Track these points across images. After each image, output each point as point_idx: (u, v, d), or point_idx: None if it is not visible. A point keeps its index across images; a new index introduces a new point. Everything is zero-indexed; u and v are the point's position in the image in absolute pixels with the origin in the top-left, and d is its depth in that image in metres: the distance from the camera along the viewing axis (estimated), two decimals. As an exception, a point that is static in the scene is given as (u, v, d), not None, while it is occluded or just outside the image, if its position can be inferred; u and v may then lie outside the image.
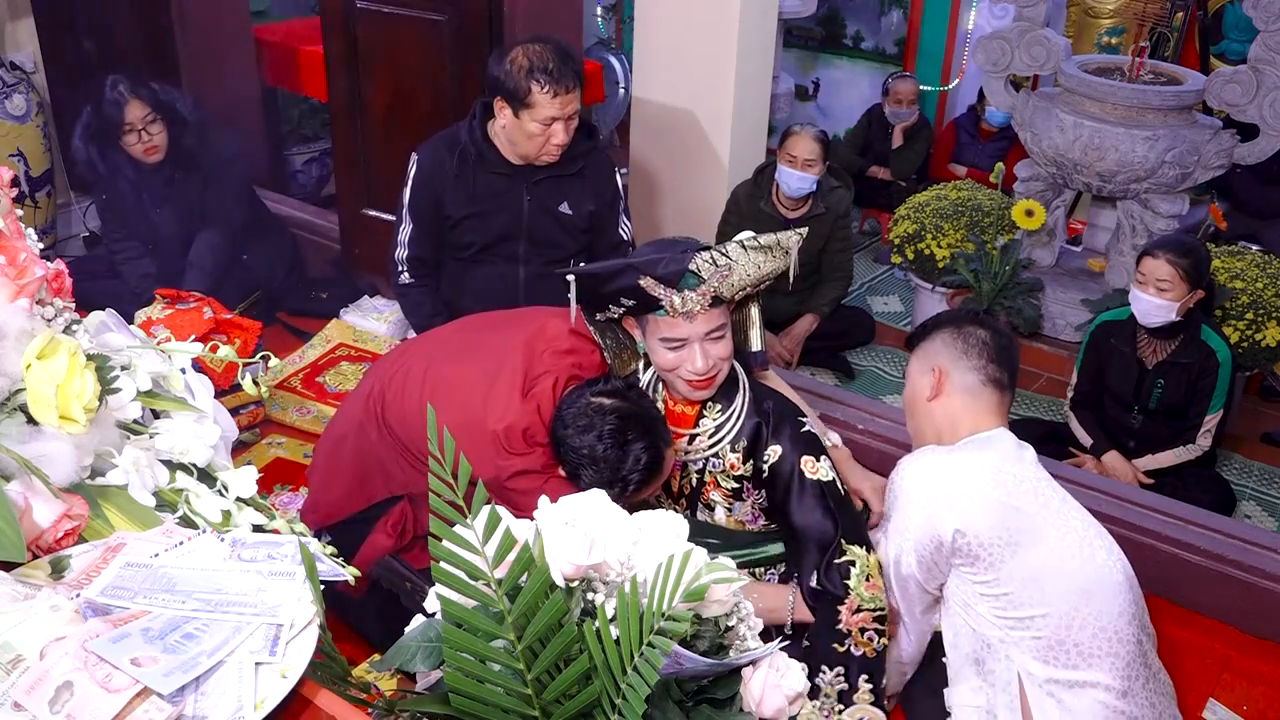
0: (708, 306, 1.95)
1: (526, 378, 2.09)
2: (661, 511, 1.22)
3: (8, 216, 1.19)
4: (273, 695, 0.95)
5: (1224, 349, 3.10)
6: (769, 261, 1.99)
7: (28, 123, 4.01)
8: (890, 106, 5.33)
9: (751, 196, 3.75)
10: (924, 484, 2.00)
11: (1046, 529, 1.94)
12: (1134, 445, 3.22)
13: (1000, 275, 3.88)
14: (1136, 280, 3.04)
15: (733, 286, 1.97)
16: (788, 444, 2.06)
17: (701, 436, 2.12)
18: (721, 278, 1.93)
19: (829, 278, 3.94)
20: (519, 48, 2.59)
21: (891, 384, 3.91)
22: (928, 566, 1.99)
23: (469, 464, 1.02)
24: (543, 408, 2.06)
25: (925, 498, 1.97)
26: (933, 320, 2.21)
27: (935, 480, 1.99)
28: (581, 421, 1.97)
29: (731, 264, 1.93)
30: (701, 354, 1.98)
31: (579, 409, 1.99)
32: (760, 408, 2.11)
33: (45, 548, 1.08)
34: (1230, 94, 3.66)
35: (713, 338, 1.99)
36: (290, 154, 5.18)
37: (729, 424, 2.10)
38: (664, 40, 3.65)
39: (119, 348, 1.25)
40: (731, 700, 1.24)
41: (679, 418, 2.13)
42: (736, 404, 2.11)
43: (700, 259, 1.90)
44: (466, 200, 2.74)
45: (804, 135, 3.69)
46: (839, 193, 3.83)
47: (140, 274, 3.66)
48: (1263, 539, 2.70)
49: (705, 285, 1.92)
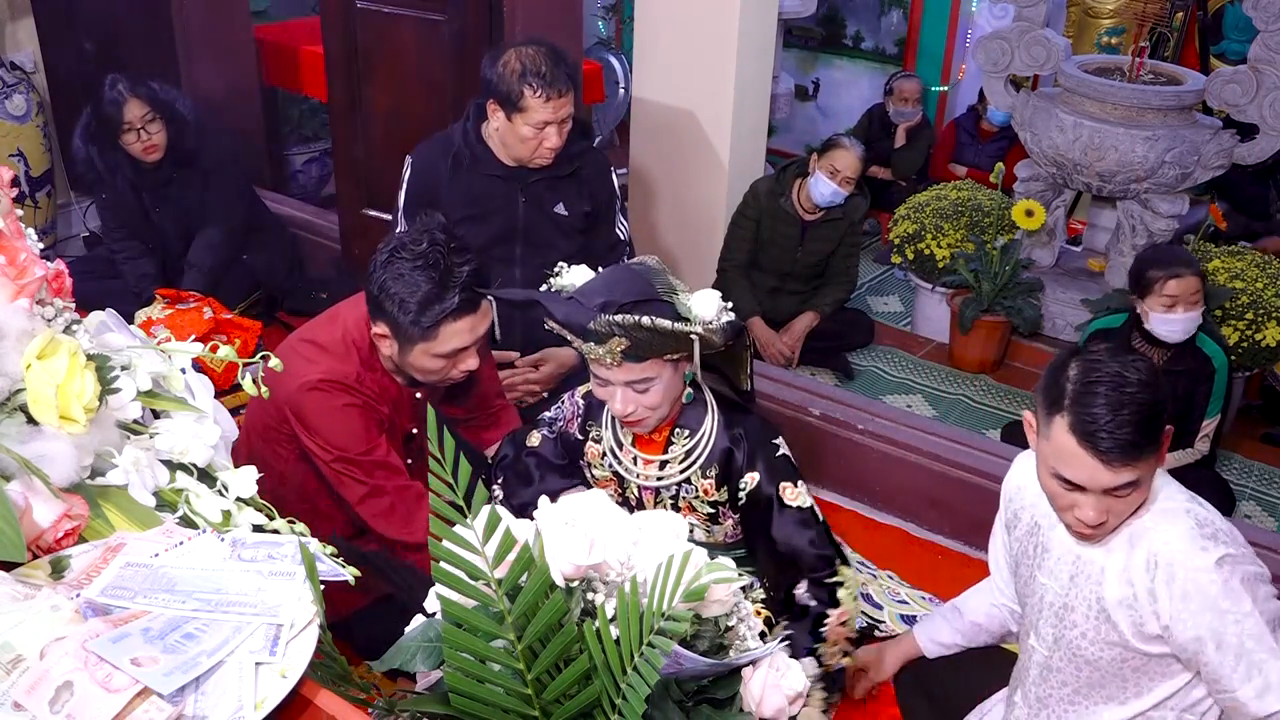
0: (619, 362, 1.87)
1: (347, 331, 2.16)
2: (661, 511, 1.22)
3: (8, 216, 1.19)
4: (273, 695, 0.95)
5: (1220, 355, 3.08)
6: (673, 342, 1.87)
7: (28, 123, 4.02)
8: (895, 105, 5.34)
9: (772, 193, 3.76)
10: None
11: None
12: None
13: (1000, 275, 3.89)
14: (1164, 304, 2.96)
15: (639, 355, 1.87)
16: (764, 471, 2.02)
17: (672, 464, 2.06)
18: (623, 346, 1.85)
19: (834, 280, 3.95)
20: (512, 50, 2.58)
21: (891, 384, 3.91)
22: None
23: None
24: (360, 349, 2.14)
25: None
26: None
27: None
28: (405, 248, 2.00)
29: (630, 338, 1.83)
30: (623, 399, 1.92)
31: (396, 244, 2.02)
32: (731, 432, 2.05)
33: (45, 548, 1.08)
34: (1230, 94, 3.66)
35: (636, 388, 1.91)
36: (290, 154, 5.17)
37: (698, 449, 2.05)
38: (664, 40, 3.65)
39: (119, 348, 1.25)
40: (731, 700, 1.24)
41: (647, 444, 2.08)
42: (705, 428, 2.04)
43: (601, 321, 1.82)
44: (461, 202, 2.74)
45: (850, 152, 3.69)
46: (856, 200, 3.84)
47: (140, 274, 3.66)
48: (1263, 539, 2.70)
49: (607, 346, 1.85)
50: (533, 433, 2.23)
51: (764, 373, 3.36)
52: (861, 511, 3.08)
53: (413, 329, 2.00)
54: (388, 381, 2.18)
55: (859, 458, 3.10)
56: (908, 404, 3.75)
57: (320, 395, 2.08)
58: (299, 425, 2.10)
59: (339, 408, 2.09)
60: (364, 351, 2.14)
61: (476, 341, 2.09)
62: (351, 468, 2.12)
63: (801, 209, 3.79)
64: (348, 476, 2.13)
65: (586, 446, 2.17)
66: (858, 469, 3.10)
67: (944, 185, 4.46)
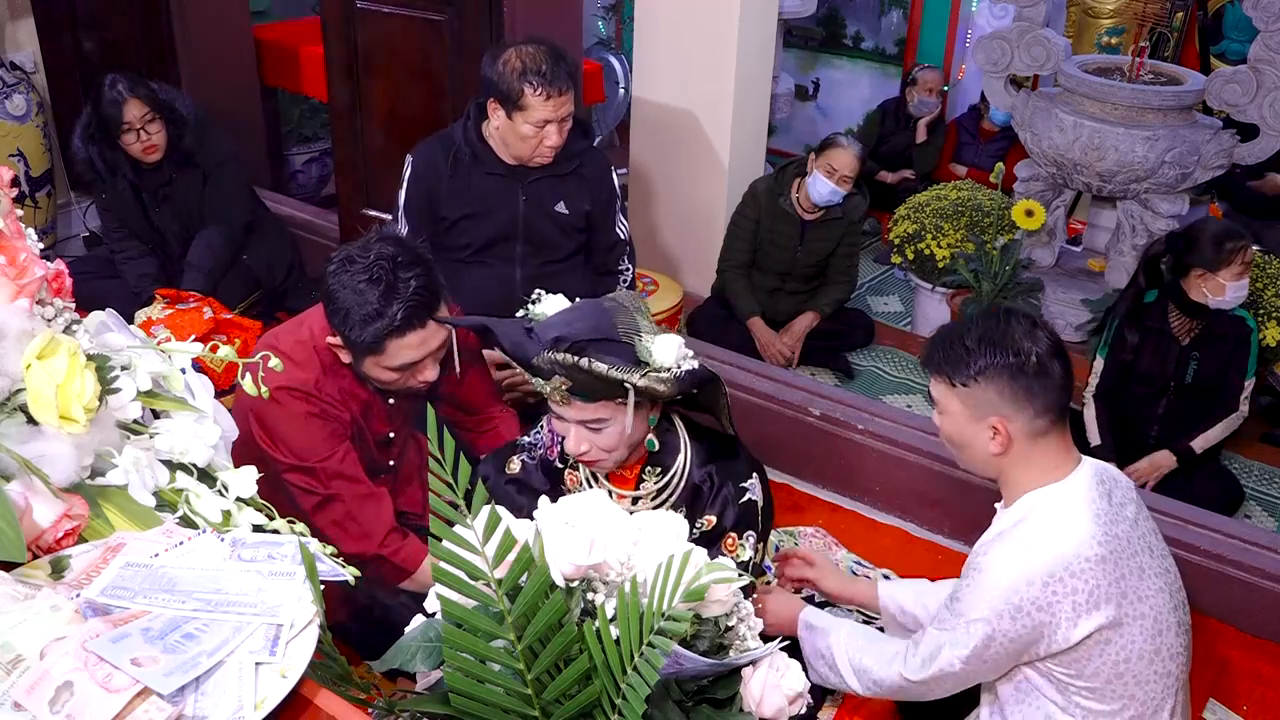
0: (568, 401, 1.86)
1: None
2: (661, 512, 1.22)
3: (8, 216, 1.19)
4: (273, 695, 0.95)
5: (1249, 316, 3.22)
6: (612, 387, 1.84)
7: (28, 123, 4.02)
8: (920, 95, 5.29)
9: (771, 192, 3.76)
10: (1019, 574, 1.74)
11: (1135, 611, 1.76)
12: (1157, 432, 3.22)
13: (1000, 275, 3.88)
14: (1237, 273, 3.04)
15: (586, 395, 1.85)
16: (724, 516, 2.02)
17: (644, 500, 2.05)
18: (566, 385, 1.83)
19: (834, 280, 3.95)
20: (512, 49, 2.58)
21: (891, 384, 3.91)
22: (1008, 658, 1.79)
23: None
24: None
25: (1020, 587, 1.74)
26: (975, 354, 1.77)
27: (1032, 582, 1.73)
28: (355, 260, 1.98)
29: (571, 377, 1.82)
30: (575, 437, 1.90)
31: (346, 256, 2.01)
32: (704, 470, 2.03)
33: (45, 548, 1.08)
34: (1230, 94, 3.66)
35: (590, 427, 1.89)
36: (290, 154, 5.17)
37: (669, 487, 2.03)
38: (664, 40, 3.65)
39: (119, 348, 1.25)
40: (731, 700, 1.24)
41: (619, 479, 2.07)
42: (676, 468, 2.03)
43: (544, 358, 1.81)
44: (462, 201, 2.74)
45: (848, 151, 3.68)
46: (855, 199, 3.83)
47: (140, 274, 3.65)
48: (1263, 539, 2.70)
49: (552, 384, 1.84)
50: (512, 459, 2.21)
51: (764, 373, 3.36)
52: (861, 511, 3.08)
53: (359, 343, 1.99)
54: (355, 387, 2.16)
55: (859, 458, 3.09)
56: (908, 404, 3.75)
57: (277, 405, 2.05)
58: (260, 432, 2.09)
59: (298, 415, 2.07)
60: (327, 357, 2.11)
61: (429, 354, 2.06)
62: (307, 477, 2.11)
63: (801, 209, 3.79)
64: (302, 486, 2.12)
65: (566, 474, 2.16)
66: (858, 469, 3.10)
67: (944, 185, 4.46)
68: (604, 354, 1.79)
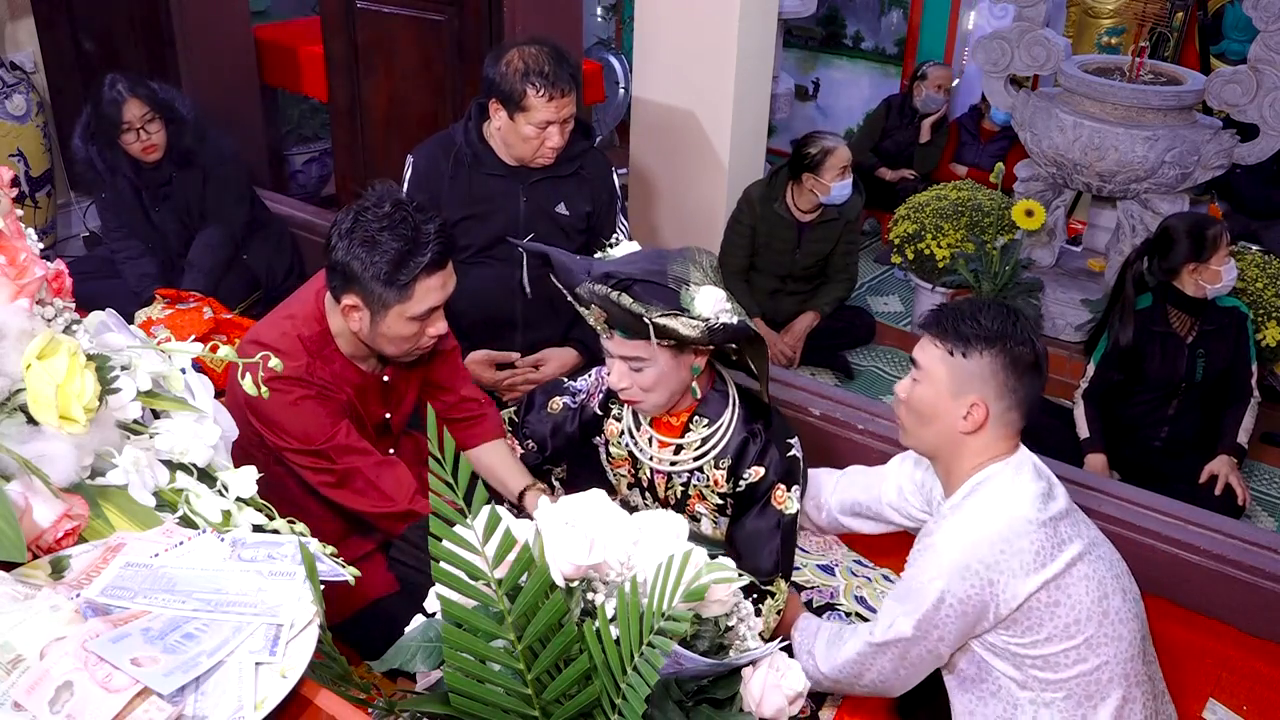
0: (610, 334, 1.93)
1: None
2: (661, 512, 1.23)
3: (8, 216, 1.19)
4: (273, 695, 0.95)
5: (1241, 303, 3.23)
6: (638, 324, 1.86)
7: (28, 123, 4.02)
8: (929, 91, 5.25)
9: (766, 198, 3.75)
10: (967, 549, 1.80)
11: (1079, 573, 1.81)
12: (1166, 433, 3.22)
13: (1000, 275, 3.89)
14: (1225, 257, 3.04)
15: (625, 331, 1.90)
16: (771, 469, 2.05)
17: (687, 449, 2.08)
18: (602, 316, 1.91)
19: (834, 279, 3.95)
20: (514, 49, 2.58)
21: (891, 384, 3.88)
22: (959, 634, 1.83)
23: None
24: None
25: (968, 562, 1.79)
26: (986, 330, 1.80)
27: (979, 543, 1.79)
28: (367, 211, 1.97)
29: (605, 309, 1.89)
30: (618, 372, 1.97)
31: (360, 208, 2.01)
32: (750, 426, 2.06)
33: (45, 548, 1.08)
34: (1230, 94, 3.66)
35: (631, 365, 1.95)
36: (290, 154, 5.17)
37: (714, 438, 2.07)
38: (664, 40, 3.65)
39: (119, 348, 1.25)
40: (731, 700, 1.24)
41: (663, 425, 2.10)
42: (724, 419, 2.06)
43: (584, 286, 1.87)
44: (463, 202, 2.74)
45: (841, 144, 3.74)
46: (852, 197, 3.84)
47: (140, 274, 3.65)
48: (1263, 539, 2.70)
49: (590, 312, 1.92)
50: (556, 398, 2.29)
51: (764, 373, 3.36)
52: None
53: (387, 291, 1.99)
54: (346, 370, 2.16)
55: (859, 458, 3.08)
56: (908, 404, 3.75)
57: (274, 394, 2.06)
58: (261, 425, 2.09)
59: (295, 401, 2.08)
60: (312, 344, 2.12)
61: (446, 298, 2.09)
62: (318, 459, 2.12)
63: (796, 210, 3.79)
64: (316, 468, 2.12)
65: (606, 423, 2.20)
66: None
67: (944, 185, 4.46)
68: (643, 294, 1.84)
